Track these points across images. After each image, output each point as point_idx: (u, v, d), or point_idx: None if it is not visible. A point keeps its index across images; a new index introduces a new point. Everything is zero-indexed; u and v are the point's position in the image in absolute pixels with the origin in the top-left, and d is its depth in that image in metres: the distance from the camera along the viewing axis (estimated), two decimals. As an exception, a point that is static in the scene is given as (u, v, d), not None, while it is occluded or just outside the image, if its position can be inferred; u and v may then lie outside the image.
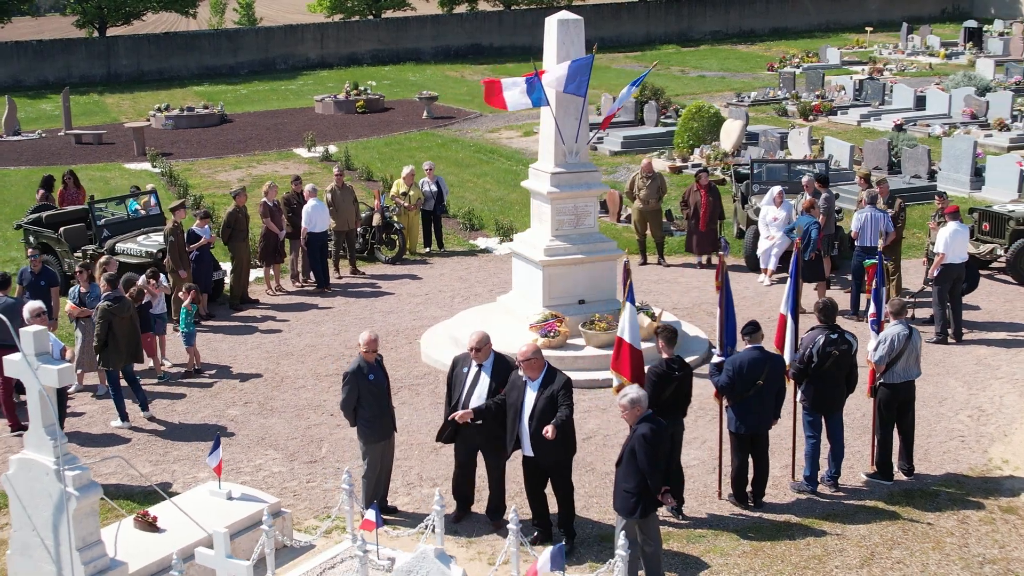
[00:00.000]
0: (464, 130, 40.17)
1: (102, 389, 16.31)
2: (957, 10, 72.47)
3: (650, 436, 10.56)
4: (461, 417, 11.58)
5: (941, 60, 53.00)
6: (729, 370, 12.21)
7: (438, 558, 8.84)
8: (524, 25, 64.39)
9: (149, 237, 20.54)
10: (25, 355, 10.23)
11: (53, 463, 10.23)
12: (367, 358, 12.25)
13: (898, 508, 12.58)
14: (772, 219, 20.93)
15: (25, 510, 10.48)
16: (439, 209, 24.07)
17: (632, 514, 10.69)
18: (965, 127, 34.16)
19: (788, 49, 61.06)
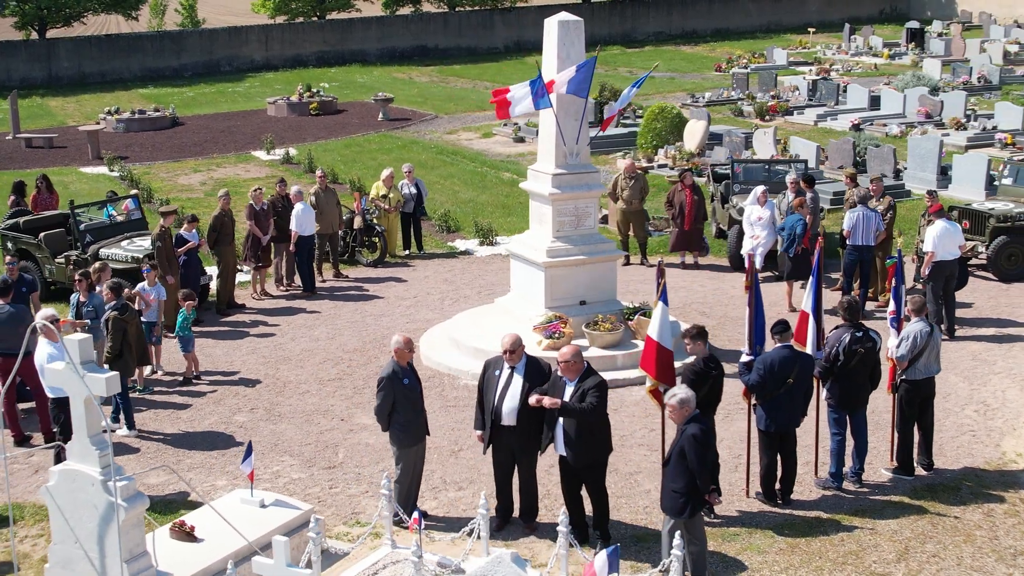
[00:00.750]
0: (422, 132, 40.02)
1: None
2: (895, 11, 73.60)
3: (700, 436, 10.61)
4: (550, 404, 11.40)
5: (885, 60, 53.78)
6: (760, 368, 12.28)
7: (514, 562, 8.78)
8: (469, 26, 64.40)
9: (133, 242, 20.22)
10: (71, 363, 10.00)
11: (99, 474, 10.03)
12: (401, 362, 12.14)
13: (924, 503, 12.73)
14: (756, 218, 21.05)
15: (67, 522, 10.24)
16: (419, 211, 23.96)
17: (681, 514, 10.72)
18: (921, 126, 34.68)
19: (732, 50, 61.62)
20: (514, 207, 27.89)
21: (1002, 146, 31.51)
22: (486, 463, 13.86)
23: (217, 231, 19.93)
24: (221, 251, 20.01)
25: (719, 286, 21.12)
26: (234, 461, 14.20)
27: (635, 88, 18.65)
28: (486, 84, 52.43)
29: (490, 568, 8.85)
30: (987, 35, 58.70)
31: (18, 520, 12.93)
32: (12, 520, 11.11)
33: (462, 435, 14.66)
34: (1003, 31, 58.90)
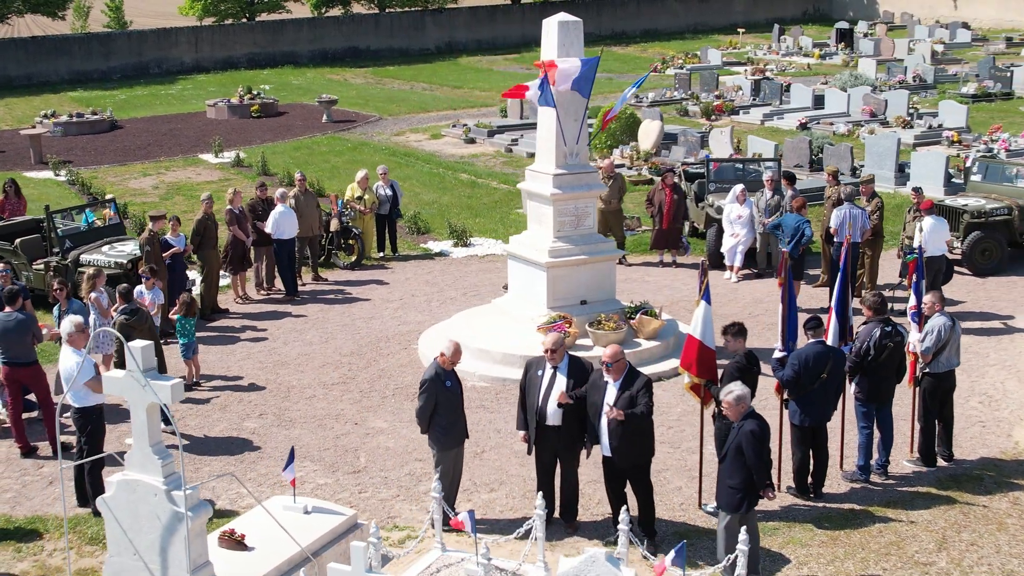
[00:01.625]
0: (369, 133, 39.80)
1: None
2: (818, 12, 74.86)
3: (758, 432, 10.72)
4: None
5: (816, 60, 54.68)
6: (795, 364, 12.42)
7: (608, 561, 8.78)
8: (401, 28, 64.19)
9: (114, 247, 19.82)
10: (133, 371, 9.79)
11: (163, 483, 9.83)
12: (445, 366, 12.08)
13: (951, 493, 12.98)
14: (736, 216, 21.33)
15: (126, 534, 10.02)
16: (394, 213, 23.82)
17: (738, 510, 10.82)
18: (868, 125, 35.31)
19: (664, 50, 62.23)
20: (479, 208, 27.87)
21: (949, 143, 32.23)
22: (511, 464, 13.92)
23: (201, 235, 19.63)
24: (205, 255, 19.72)
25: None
26: (253, 467, 14.03)
27: (635, 88, 18.69)
28: (423, 86, 52.38)
29: (583, 567, 8.83)
30: (911, 35, 59.98)
31: (42, 533, 12.61)
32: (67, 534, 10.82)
33: (482, 436, 14.62)
34: (927, 31, 60.22)
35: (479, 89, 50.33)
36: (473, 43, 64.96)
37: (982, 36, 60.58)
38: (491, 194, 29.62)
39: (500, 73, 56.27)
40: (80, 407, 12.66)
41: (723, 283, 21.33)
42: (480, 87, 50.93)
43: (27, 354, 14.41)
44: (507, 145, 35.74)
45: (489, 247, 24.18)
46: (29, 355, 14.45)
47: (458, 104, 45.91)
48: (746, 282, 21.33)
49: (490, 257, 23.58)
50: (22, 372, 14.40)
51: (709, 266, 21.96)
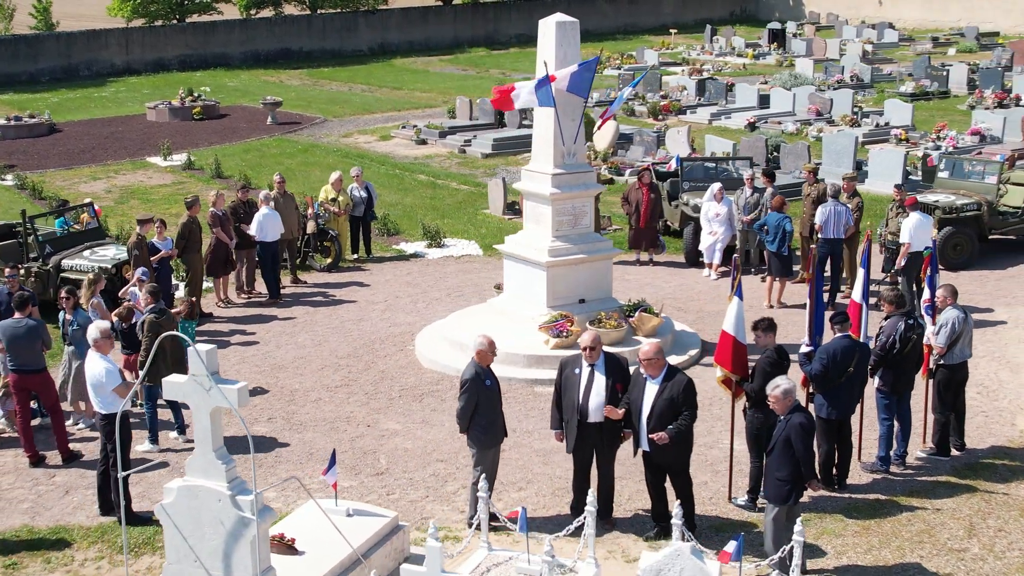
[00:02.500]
0: (316, 135, 39.52)
1: (88, 421, 15.38)
2: (745, 12, 75.89)
3: (807, 424, 10.91)
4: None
5: (750, 60, 55.43)
6: (823, 358, 12.63)
7: (693, 554, 8.87)
8: (333, 29, 63.82)
9: (95, 252, 19.49)
10: (196, 376, 9.68)
11: (227, 488, 9.73)
12: (482, 363, 12.10)
13: (969, 481, 13.30)
14: (714, 215, 21.58)
15: (187, 541, 9.90)
16: (369, 215, 23.71)
17: (786, 501, 10.99)
18: (814, 124, 35.89)
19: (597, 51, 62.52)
20: (444, 209, 27.86)
21: (897, 141, 32.89)
22: (534, 462, 13.99)
23: (186, 239, 19.40)
24: (189, 259, 19.48)
25: (683, 282, 21.52)
26: (273, 471, 13.92)
27: (632, 87, 18.82)
28: (362, 87, 52.12)
29: (667, 561, 8.92)
30: (840, 35, 61.01)
31: (70, 543, 12.39)
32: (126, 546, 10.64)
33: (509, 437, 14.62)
34: (855, 31, 61.33)
35: (419, 90, 50.22)
36: (406, 44, 64.79)
37: (908, 36, 61.88)
38: (453, 195, 29.61)
39: (437, 74, 56.22)
40: (107, 413, 12.46)
41: (702, 281, 21.59)
42: (420, 88, 50.83)
43: (36, 361, 14.14)
44: (460, 146, 35.75)
45: (464, 248, 24.17)
46: (38, 362, 14.18)
47: (401, 105, 45.77)
48: (726, 279, 21.56)
49: (467, 258, 23.59)
50: (31, 379, 14.13)
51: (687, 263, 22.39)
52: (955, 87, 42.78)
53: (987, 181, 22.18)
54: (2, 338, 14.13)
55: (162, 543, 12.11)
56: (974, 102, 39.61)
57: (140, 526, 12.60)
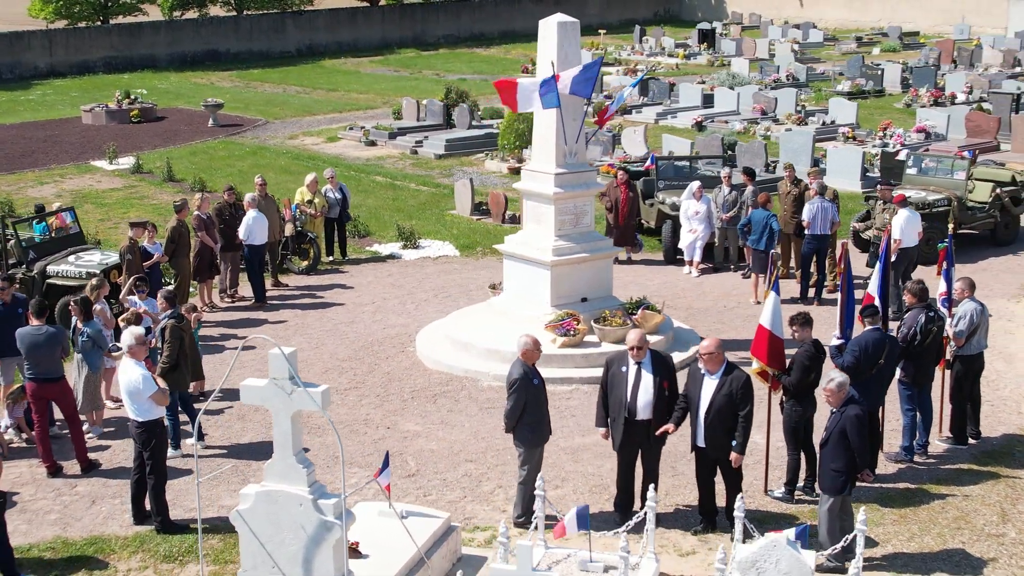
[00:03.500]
0: (262, 137, 39.14)
1: (97, 430, 15.13)
2: (668, 13, 76.73)
3: (862, 416, 11.13)
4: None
5: (681, 60, 56.05)
6: (855, 351, 12.87)
7: (789, 545, 9.01)
8: (261, 30, 63.22)
9: (81, 257, 19.12)
10: (277, 379, 9.59)
11: (309, 492, 9.66)
12: (528, 362, 12.13)
13: (991, 468, 13.66)
14: (694, 213, 21.83)
15: (264, 547, 9.80)
16: (344, 217, 23.57)
17: (841, 492, 11.21)
18: (762, 122, 36.44)
19: (528, 52, 62.72)
20: (409, 210, 27.78)
21: (845, 139, 33.52)
22: (564, 460, 14.08)
23: (175, 242, 19.13)
24: (178, 263, 19.21)
25: (665, 279, 21.72)
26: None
27: (632, 88, 18.98)
28: (296, 88, 51.70)
29: (763, 553, 9.05)
30: (765, 34, 62.01)
31: (108, 553, 12.17)
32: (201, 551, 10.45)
33: (523, 435, 14.69)
34: (780, 31, 62.35)
35: (355, 91, 49.98)
36: (334, 45, 64.39)
37: (832, 36, 63.04)
38: (415, 196, 29.54)
39: (370, 75, 55.99)
40: (143, 421, 12.25)
41: (684, 278, 21.82)
42: (356, 89, 50.58)
43: (56, 369, 13.86)
44: (412, 147, 35.66)
45: (439, 249, 24.14)
46: (58, 370, 13.90)
47: (342, 107, 45.51)
48: (707, 276, 21.86)
49: (444, 259, 23.58)
50: (50, 388, 13.84)
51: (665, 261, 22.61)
52: (890, 86, 43.72)
53: (956, 177, 22.73)
54: (20, 346, 13.81)
55: (207, 551, 12.05)
56: (910, 100, 40.57)
57: (178, 534, 12.42)
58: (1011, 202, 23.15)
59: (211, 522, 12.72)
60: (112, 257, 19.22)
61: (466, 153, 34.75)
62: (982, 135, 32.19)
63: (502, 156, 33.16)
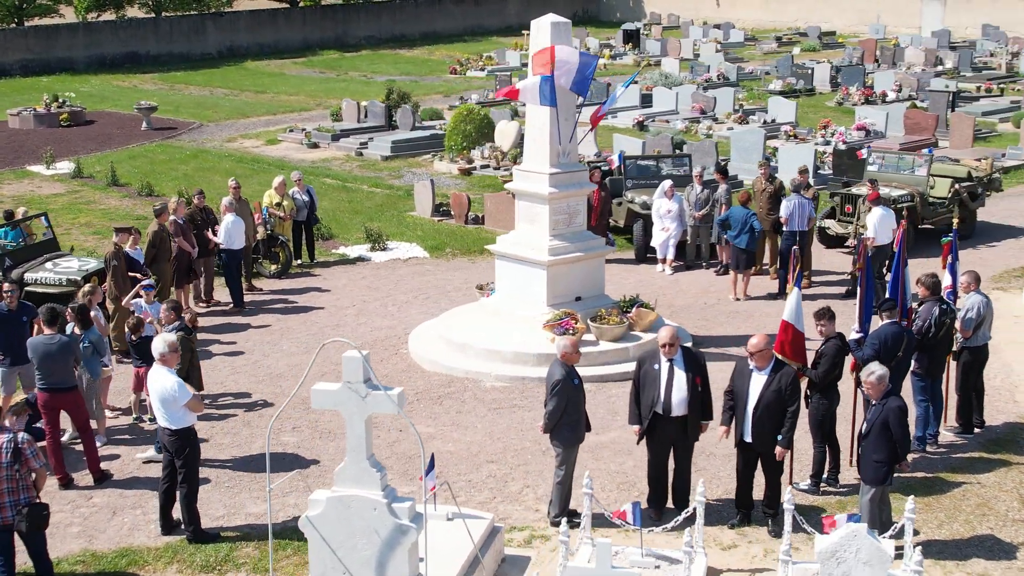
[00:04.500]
0: (199, 140, 38.58)
1: (101, 439, 14.83)
2: (587, 13, 77.15)
3: (904, 408, 11.37)
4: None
5: (607, 60, 56.39)
6: (875, 344, 13.13)
7: (869, 534, 9.17)
8: (180, 32, 62.29)
9: (59, 264, 18.68)
10: (351, 383, 9.50)
11: (383, 496, 9.59)
12: (568, 363, 12.17)
13: (1000, 456, 14.03)
14: (666, 211, 22.04)
15: (335, 553, 9.71)
16: (312, 219, 23.36)
17: (883, 482, 11.44)
18: (702, 121, 36.87)
19: (450, 52, 62.81)
20: (366, 212, 27.65)
21: (787, 138, 34.07)
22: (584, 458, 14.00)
23: (156, 247, 18.79)
24: (159, 269, 18.87)
25: (640, 278, 21.89)
26: (320, 481, 13.63)
27: (624, 88, 19.10)
28: (223, 91, 51.04)
29: (844, 543, 9.21)
30: (686, 34, 62.72)
31: (142, 564, 11.93)
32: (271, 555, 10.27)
33: (538, 435, 14.70)
34: (701, 31, 63.13)
35: (284, 94, 49.48)
36: (256, 47, 63.66)
37: (751, 36, 63.99)
38: (369, 198, 29.39)
39: (295, 77, 55.45)
40: (177, 428, 12.04)
41: (658, 276, 22.02)
42: (285, 91, 50.07)
43: (69, 379, 13.55)
44: (357, 149, 35.44)
45: (408, 250, 24.04)
46: (70, 380, 13.59)
47: (275, 109, 45.02)
48: (682, 274, 22.10)
49: (415, 260, 23.50)
50: (62, 398, 13.53)
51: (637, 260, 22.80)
52: (820, 85, 44.53)
53: (917, 174, 23.25)
54: (32, 356, 13.48)
55: (244, 559, 11.94)
56: (842, 98, 41.36)
57: (211, 543, 12.23)
58: (969, 197, 23.74)
59: (240, 530, 12.59)
60: (91, 263, 18.84)
61: (412, 154, 34.65)
62: (920, 132, 32.92)
63: (451, 157, 33.11)
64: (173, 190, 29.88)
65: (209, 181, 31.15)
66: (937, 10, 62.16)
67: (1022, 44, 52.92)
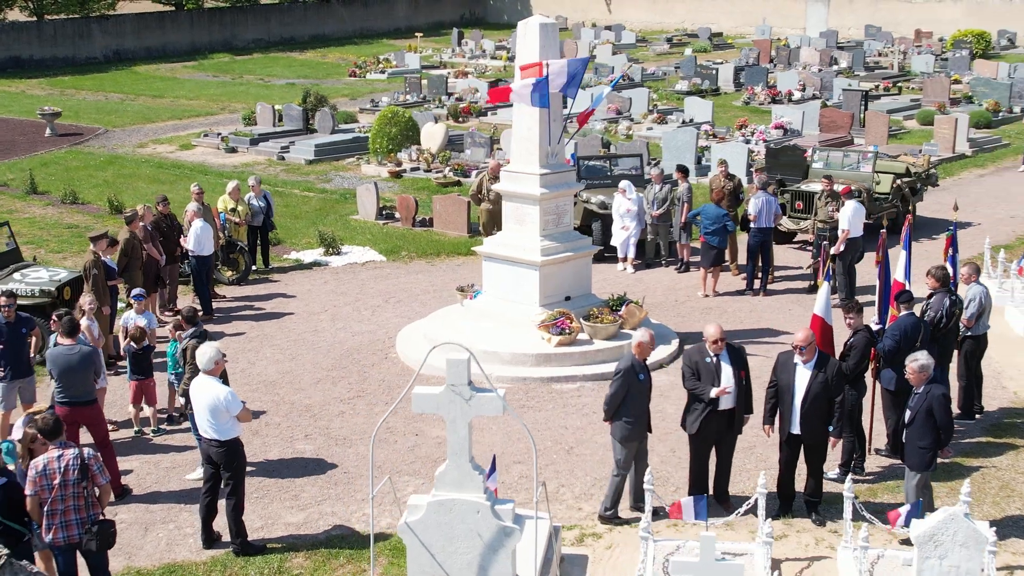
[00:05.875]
0: (108, 146, 37.62)
1: None
2: (474, 15, 77.29)
3: (948, 395, 11.75)
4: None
5: (505, 62, 56.61)
6: (896, 335, 13.50)
7: (966, 517, 9.45)
8: (65, 35, 60.54)
9: (28, 275, 18.04)
10: (455, 386, 9.43)
11: (486, 498, 9.54)
12: (640, 357, 12.25)
13: (1004, 439, 14.58)
14: (626, 210, 22.28)
15: (435, 558, 9.62)
16: (268, 225, 22.99)
17: (928, 468, 11.81)
18: (620, 122, 37.27)
19: (344, 55, 62.34)
20: (306, 216, 27.34)
21: (707, 136, 34.67)
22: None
23: (128, 255, 18.31)
24: (131, 277, 18.40)
25: (603, 277, 21.94)
26: (350, 489, 13.49)
27: (611, 88, 19.21)
28: (117, 96, 49.83)
29: (941, 527, 9.47)
30: (577, 36, 63.27)
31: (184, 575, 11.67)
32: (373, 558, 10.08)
33: (559, 435, 14.84)
34: (592, 33, 63.78)
35: (184, 98, 48.50)
36: (143, 50, 62.22)
37: (642, 37, 64.87)
38: (305, 202, 29.03)
39: (190, 81, 54.38)
40: (225, 440, 11.78)
41: (620, 275, 22.23)
42: (184, 95, 49.08)
43: (89, 392, 13.15)
44: (278, 153, 34.96)
45: (364, 254, 23.83)
46: (91, 393, 13.18)
47: (181, 114, 44.08)
48: (643, 272, 22.36)
49: (372, 264, 23.32)
50: (83, 412, 13.11)
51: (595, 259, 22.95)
52: (724, 85, 45.41)
53: (862, 170, 23.93)
54: (52, 368, 13.03)
55: (298, 570, 11.80)
56: (748, 98, 42.25)
57: (258, 555, 12.00)
58: (909, 192, 24.52)
59: (283, 541, 12.38)
60: (61, 273, 18.27)
61: (335, 158, 34.32)
62: (836, 130, 33.87)
63: (379, 160, 32.90)
64: (100, 197, 29.22)
65: (134, 188, 30.52)
66: (821, 11, 63.90)
67: (908, 44, 54.78)
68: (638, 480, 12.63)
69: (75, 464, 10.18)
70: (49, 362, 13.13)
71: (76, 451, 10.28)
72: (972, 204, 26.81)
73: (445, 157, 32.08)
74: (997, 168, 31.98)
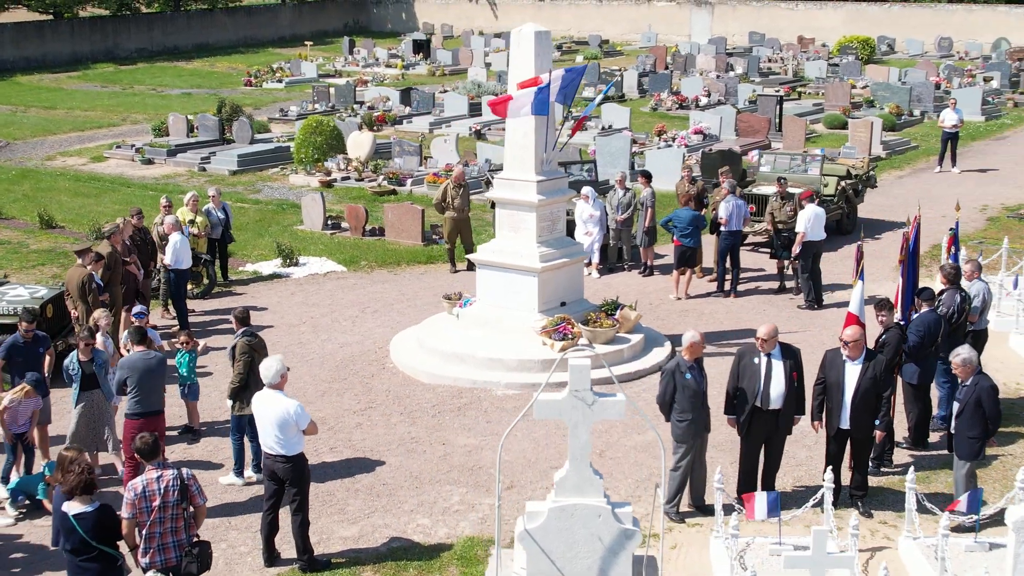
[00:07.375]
0: (16, 159, 36.49)
1: None
2: (358, 24, 76.85)
3: (996, 386, 12.23)
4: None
5: (400, 71, 56.53)
6: (920, 331, 14.00)
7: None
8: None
9: (6, 294, 17.46)
10: (578, 391, 9.49)
11: (606, 502, 9.63)
12: (689, 356, 12.43)
13: (1012, 429, 15.15)
14: (588, 216, 22.52)
15: (554, 564, 9.67)
16: (227, 237, 22.60)
17: (977, 457, 12.31)
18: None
19: (233, 64, 61.43)
20: (250, 227, 26.91)
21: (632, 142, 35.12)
22: (645, 458, 14.34)
23: (111, 270, 17.84)
24: (113, 292, 17.92)
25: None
26: (395, 498, 13.39)
27: (604, 95, 19.37)
28: (7, 108, 48.24)
29: (1042, 511, 9.87)
30: (467, 44, 63.54)
31: None
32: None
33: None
34: (483, 41, 64.06)
35: (79, 109, 47.37)
36: (22, 61, 60.36)
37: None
38: (243, 213, 28.53)
39: (79, 92, 53.07)
40: (291, 455, 11.59)
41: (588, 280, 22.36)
42: (79, 107, 47.88)
43: (161, 401, 12.96)
44: (199, 164, 34.33)
45: (323, 265, 23.59)
46: (162, 402, 12.99)
47: (82, 126, 43.00)
48: (608, 276, 22.62)
49: (335, 275, 23.11)
50: (154, 422, 12.82)
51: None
52: (628, 91, 46.08)
53: (810, 173, 24.60)
54: (129, 375, 12.68)
55: (371, 583, 11.61)
56: (655, 104, 42.96)
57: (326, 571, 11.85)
58: (853, 194, 25.29)
59: (344, 555, 12.24)
60: (41, 291, 17.72)
61: (260, 168, 33.86)
62: (754, 135, 34.71)
63: (307, 169, 32.55)
64: (25, 212, 28.38)
65: (58, 202, 29.74)
66: (705, 19, 65.29)
67: (796, 50, 56.33)
68: (696, 479, 12.83)
69: (175, 485, 9.93)
70: (126, 370, 12.80)
71: (175, 471, 10.03)
72: (901, 206, 27.71)
73: (376, 166, 31.89)
74: (913, 169, 33.15)
